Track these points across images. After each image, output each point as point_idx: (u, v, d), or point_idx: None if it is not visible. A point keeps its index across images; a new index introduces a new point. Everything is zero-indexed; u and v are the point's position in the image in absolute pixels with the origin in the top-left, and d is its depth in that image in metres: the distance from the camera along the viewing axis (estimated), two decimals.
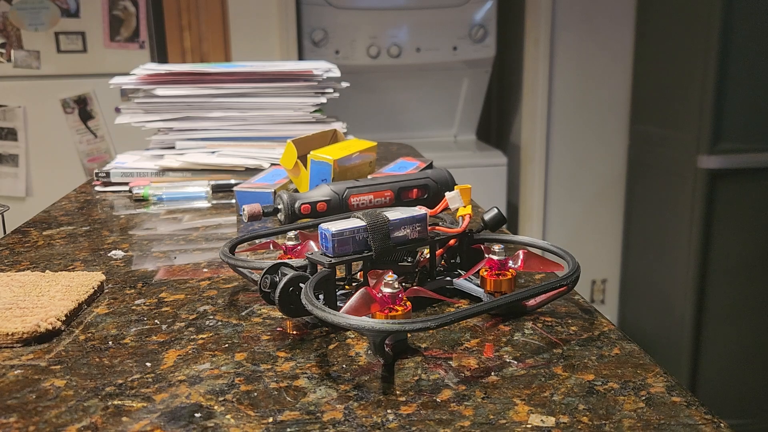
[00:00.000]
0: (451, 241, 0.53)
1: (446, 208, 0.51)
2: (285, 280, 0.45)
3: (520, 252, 0.51)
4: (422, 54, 2.56)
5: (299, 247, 0.55)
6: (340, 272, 0.50)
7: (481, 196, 0.83)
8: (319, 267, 0.48)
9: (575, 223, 2.57)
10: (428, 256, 0.52)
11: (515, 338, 0.45)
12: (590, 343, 0.44)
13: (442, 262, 0.54)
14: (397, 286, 0.43)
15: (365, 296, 0.43)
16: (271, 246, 0.58)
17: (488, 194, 2.27)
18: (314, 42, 2.49)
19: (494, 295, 0.49)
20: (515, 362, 0.42)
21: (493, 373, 0.40)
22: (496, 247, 0.50)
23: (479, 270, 0.50)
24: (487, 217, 0.52)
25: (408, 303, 0.44)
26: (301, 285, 0.45)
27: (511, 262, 0.50)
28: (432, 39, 2.55)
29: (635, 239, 2.54)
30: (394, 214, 0.49)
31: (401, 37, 2.55)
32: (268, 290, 0.47)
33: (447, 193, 0.50)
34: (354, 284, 0.50)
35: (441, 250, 0.53)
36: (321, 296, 0.47)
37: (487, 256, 0.50)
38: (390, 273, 0.44)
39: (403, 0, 2.57)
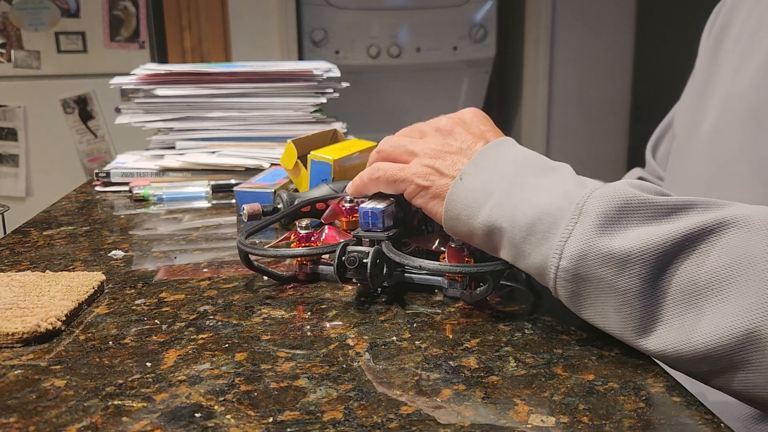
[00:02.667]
0: None
1: None
2: (372, 255, 0.51)
3: None
4: (422, 54, 2.56)
5: (315, 235, 0.58)
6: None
7: None
8: (363, 242, 0.54)
9: None
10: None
11: (515, 338, 0.45)
12: (590, 343, 0.44)
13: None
14: (462, 244, 0.53)
15: (449, 252, 0.53)
16: (291, 237, 0.59)
17: None
18: (314, 42, 2.50)
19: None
20: (515, 362, 0.42)
21: (493, 373, 0.40)
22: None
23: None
24: None
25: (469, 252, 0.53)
26: (382, 257, 0.52)
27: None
28: (432, 39, 2.55)
29: None
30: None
31: (401, 37, 2.55)
32: (351, 267, 0.51)
33: None
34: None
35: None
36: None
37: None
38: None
39: (403, 0, 2.57)
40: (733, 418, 0.58)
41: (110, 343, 0.45)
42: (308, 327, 0.47)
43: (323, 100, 1.05)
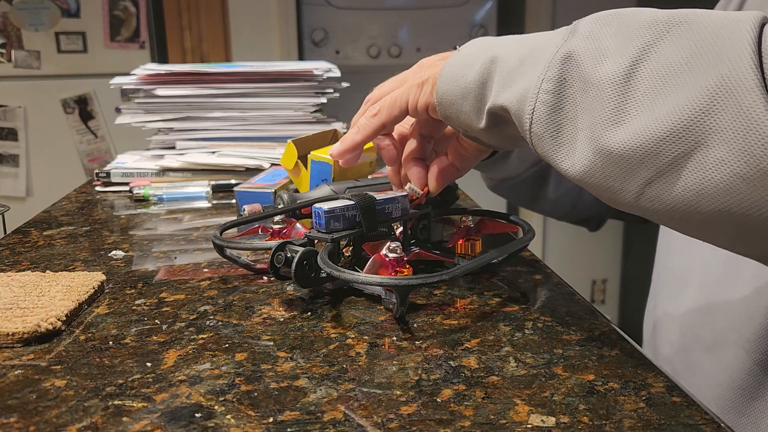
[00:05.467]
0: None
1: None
2: (299, 254, 0.50)
3: (481, 219, 0.61)
4: (422, 54, 2.55)
5: (285, 230, 0.59)
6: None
7: (482, 196, 0.83)
8: (316, 243, 0.53)
9: None
10: (401, 229, 0.59)
11: (515, 338, 0.45)
12: (590, 343, 0.44)
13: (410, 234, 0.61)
14: (399, 252, 0.50)
15: (377, 262, 0.49)
16: (260, 231, 0.61)
17: (489, 194, 2.27)
18: (314, 42, 2.50)
19: (466, 257, 0.58)
20: (515, 362, 0.42)
21: (493, 373, 0.40)
22: (465, 218, 0.59)
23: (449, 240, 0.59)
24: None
25: (409, 266, 0.50)
26: (312, 258, 0.51)
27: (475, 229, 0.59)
28: (432, 39, 2.55)
29: (635, 239, 2.54)
30: (380, 194, 0.55)
31: (401, 37, 2.55)
32: (279, 266, 0.52)
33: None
34: (343, 258, 0.55)
35: (410, 223, 0.60)
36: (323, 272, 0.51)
37: (459, 226, 0.59)
38: (394, 242, 0.50)
39: (403, 0, 2.57)
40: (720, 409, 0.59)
41: (110, 343, 0.45)
42: (308, 327, 0.47)
43: (323, 100, 1.05)
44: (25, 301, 0.49)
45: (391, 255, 0.50)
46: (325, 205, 0.52)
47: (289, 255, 0.51)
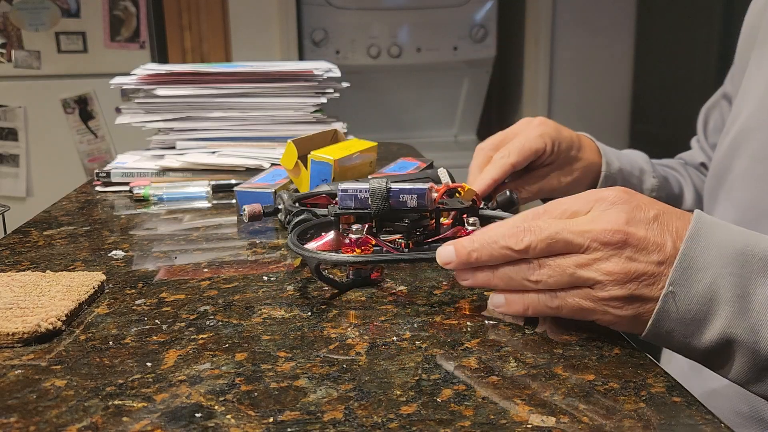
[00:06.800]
0: (452, 213, 0.59)
1: (454, 189, 0.59)
2: (295, 222, 0.57)
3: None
4: (423, 54, 2.56)
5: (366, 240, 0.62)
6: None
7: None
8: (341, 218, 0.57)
9: None
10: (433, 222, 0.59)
11: (515, 338, 0.45)
12: (590, 343, 0.44)
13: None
14: (360, 233, 0.54)
15: (336, 238, 0.55)
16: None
17: None
18: (314, 42, 2.50)
19: None
20: (515, 362, 0.42)
21: (493, 373, 0.40)
22: (471, 220, 0.57)
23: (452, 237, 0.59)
24: (500, 198, 0.64)
25: (371, 249, 0.54)
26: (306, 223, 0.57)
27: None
28: (432, 39, 2.55)
29: None
30: (398, 184, 0.56)
31: (402, 37, 2.55)
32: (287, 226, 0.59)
33: (439, 171, 0.62)
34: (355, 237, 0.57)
35: (449, 221, 0.59)
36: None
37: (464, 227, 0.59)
38: (356, 225, 0.55)
39: (404, 0, 2.57)
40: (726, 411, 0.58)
41: (110, 343, 0.45)
42: (308, 327, 0.47)
43: (323, 100, 1.05)
44: (25, 301, 0.49)
45: (352, 236, 0.54)
46: (348, 185, 0.56)
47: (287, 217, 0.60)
